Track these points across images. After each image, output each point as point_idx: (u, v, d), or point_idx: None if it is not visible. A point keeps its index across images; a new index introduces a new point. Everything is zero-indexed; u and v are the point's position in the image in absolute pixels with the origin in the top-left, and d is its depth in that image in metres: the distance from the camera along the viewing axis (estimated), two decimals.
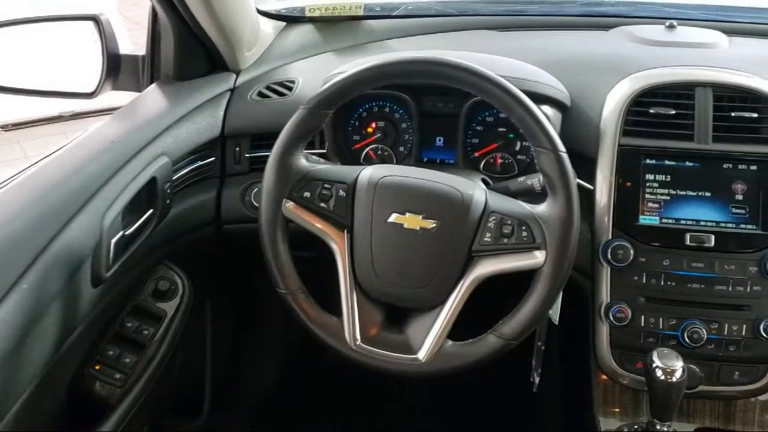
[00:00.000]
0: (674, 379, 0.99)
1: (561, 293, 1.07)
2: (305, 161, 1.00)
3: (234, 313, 1.69)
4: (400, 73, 0.98)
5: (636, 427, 1.12)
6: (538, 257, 0.92)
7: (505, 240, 0.93)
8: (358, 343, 0.97)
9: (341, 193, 0.98)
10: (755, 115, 1.14)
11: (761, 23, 1.53)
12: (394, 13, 1.61)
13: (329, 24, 1.55)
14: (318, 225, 0.98)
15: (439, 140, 1.29)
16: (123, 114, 1.23)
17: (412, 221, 0.95)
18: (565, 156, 0.93)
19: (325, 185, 0.98)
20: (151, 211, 1.13)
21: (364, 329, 0.97)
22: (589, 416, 1.20)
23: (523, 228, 0.93)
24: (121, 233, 1.05)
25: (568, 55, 1.38)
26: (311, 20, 1.55)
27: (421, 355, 0.95)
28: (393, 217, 0.95)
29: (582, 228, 1.16)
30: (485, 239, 0.94)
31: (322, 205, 0.98)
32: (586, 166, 1.19)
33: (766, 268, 1.10)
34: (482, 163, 1.26)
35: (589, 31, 1.52)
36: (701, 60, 1.27)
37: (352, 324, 0.97)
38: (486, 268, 0.94)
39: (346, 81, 0.97)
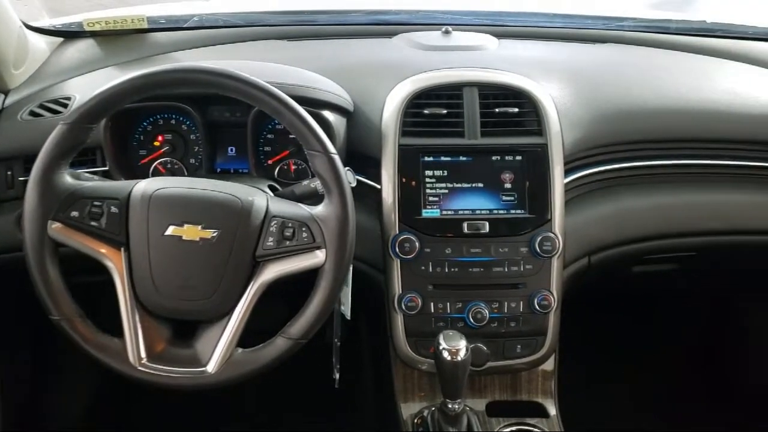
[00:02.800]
0: (459, 358, 1.05)
1: (350, 289, 1.12)
2: (71, 179, 0.96)
3: (32, 344, 1.58)
4: (163, 83, 0.97)
5: (433, 408, 1.18)
6: (319, 256, 0.95)
7: (288, 242, 0.95)
8: (143, 362, 0.95)
9: (113, 209, 0.95)
10: (516, 110, 1.24)
11: (528, 26, 1.68)
12: (184, 25, 1.59)
13: (112, 38, 1.50)
14: (90, 245, 0.94)
15: (231, 150, 1.30)
16: None
17: (190, 232, 0.94)
18: (336, 158, 0.96)
19: (95, 203, 0.95)
20: None
21: (150, 347, 0.95)
22: (393, 404, 1.26)
23: (304, 229, 0.96)
24: None
25: (352, 61, 1.44)
26: (92, 35, 1.49)
27: (210, 366, 0.95)
28: (170, 230, 0.94)
29: (373, 225, 1.23)
30: (268, 243, 0.96)
31: (93, 223, 0.94)
32: (372, 166, 1.24)
33: (535, 248, 1.20)
34: (276, 170, 1.28)
35: (374, 38, 1.59)
36: (470, 62, 1.37)
37: (135, 343, 0.94)
38: (271, 272, 0.96)
39: (106, 93, 0.95)
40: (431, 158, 1.23)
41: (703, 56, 1.58)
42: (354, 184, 1.06)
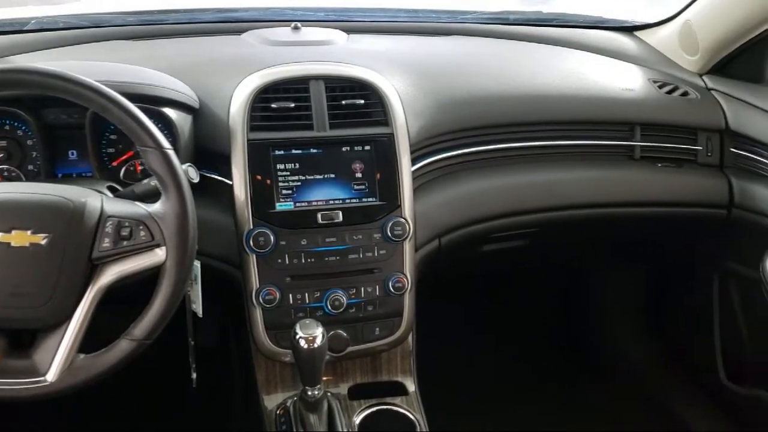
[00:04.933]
0: (316, 345, 1.07)
1: (200, 286, 1.11)
2: None
3: None
4: None
5: (294, 398, 1.20)
6: (159, 254, 0.94)
7: (125, 243, 0.94)
8: None
9: None
10: (362, 101, 1.28)
11: (376, 21, 1.72)
12: (25, 28, 1.52)
13: None
14: None
15: (72, 153, 1.25)
16: None
17: (19, 238, 0.90)
18: (170, 153, 0.96)
19: None
20: None
21: None
22: (256, 397, 1.27)
23: (141, 228, 0.94)
24: None
25: (199, 59, 1.43)
26: None
27: (50, 375, 0.92)
28: None
29: (227, 221, 1.23)
30: (104, 245, 0.94)
31: None
32: (223, 162, 1.24)
33: (387, 234, 1.24)
34: (122, 171, 1.25)
35: (223, 36, 1.59)
36: (318, 56, 1.40)
37: None
38: (110, 274, 0.94)
39: None
40: (282, 152, 1.24)
41: (540, 44, 1.68)
42: (196, 180, 1.05)
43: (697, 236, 1.65)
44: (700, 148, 1.48)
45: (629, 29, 1.75)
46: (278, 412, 1.23)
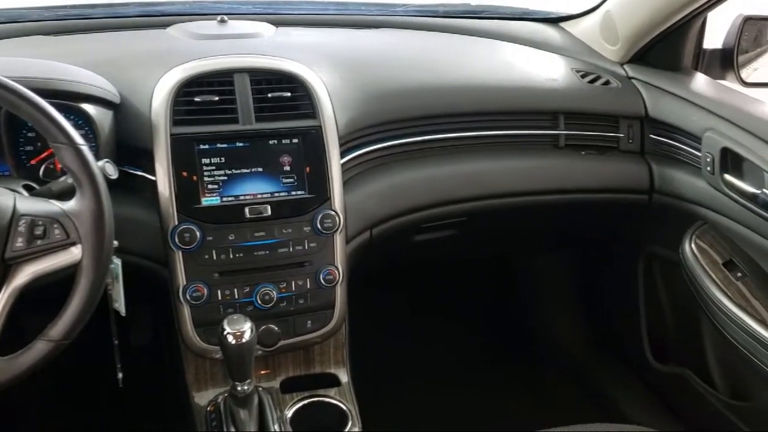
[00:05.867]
0: (244, 341, 1.07)
1: (121, 285, 1.09)
2: None
3: None
4: None
5: (225, 394, 1.19)
6: (75, 253, 0.92)
7: (39, 242, 0.91)
8: None
9: None
10: (289, 94, 1.27)
11: (305, 14, 1.72)
12: None
13: None
14: None
15: None
16: None
17: None
18: (83, 148, 0.93)
19: None
20: None
21: None
22: (187, 395, 1.25)
23: (56, 226, 0.92)
24: None
25: (121, 54, 1.40)
26: None
27: None
28: None
29: (152, 218, 1.21)
30: (18, 244, 0.91)
31: None
32: (146, 158, 1.22)
33: (317, 226, 1.24)
34: (42, 170, 1.21)
35: (148, 30, 1.56)
36: (244, 49, 1.38)
37: None
38: (25, 274, 0.91)
39: None
40: (206, 146, 1.22)
41: (467, 36, 1.71)
42: (114, 176, 1.03)
43: (621, 221, 1.70)
44: (622, 135, 1.52)
45: (554, 20, 1.79)
46: (209, 409, 1.22)
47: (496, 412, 1.76)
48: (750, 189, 1.28)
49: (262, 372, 1.28)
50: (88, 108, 1.16)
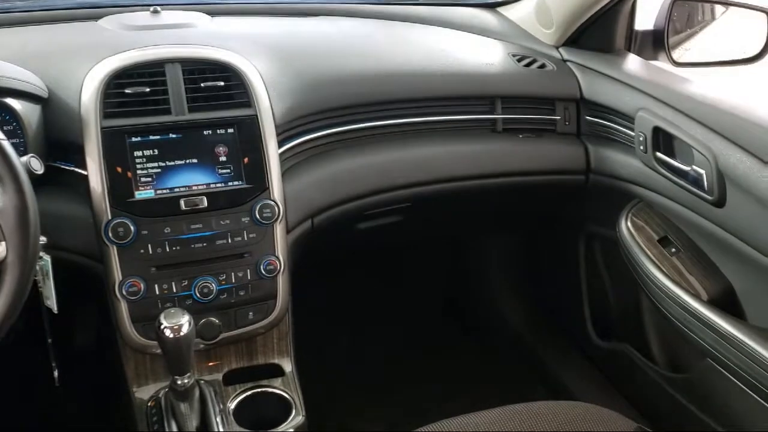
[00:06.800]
0: (182, 334, 1.05)
1: (52, 281, 1.07)
2: None
3: None
4: None
5: (166, 389, 1.18)
6: None
7: None
8: None
9: None
10: (222, 83, 1.26)
11: (241, 3, 1.70)
12: None
13: None
14: None
15: None
16: None
17: None
18: (4, 143, 0.91)
19: None
20: None
21: None
22: (128, 391, 1.24)
23: None
24: None
25: (49, 47, 1.37)
26: None
27: None
28: None
29: (86, 213, 1.19)
30: None
31: None
32: (77, 153, 1.19)
33: (256, 217, 1.23)
34: None
35: (78, 22, 1.52)
36: (177, 39, 1.36)
37: None
38: None
39: None
40: (138, 138, 1.20)
41: (405, 23, 1.71)
42: (40, 172, 1.01)
43: (561, 202, 1.73)
44: (558, 117, 1.54)
45: (491, 5, 1.80)
46: (149, 404, 1.21)
47: (444, 392, 1.77)
48: (681, 166, 1.32)
49: (206, 365, 1.27)
50: (14, 103, 1.14)
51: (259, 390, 1.24)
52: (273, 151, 1.26)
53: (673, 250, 1.39)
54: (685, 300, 1.29)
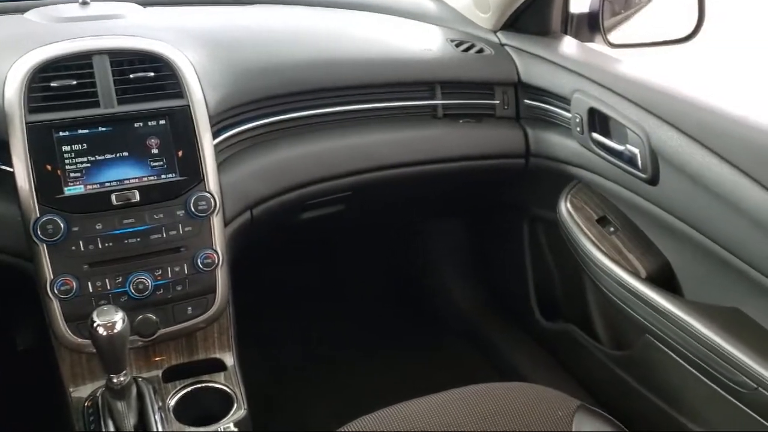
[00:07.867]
0: (115, 332, 1.03)
1: None
2: None
3: None
4: None
5: (103, 388, 1.15)
6: None
7: None
8: None
9: None
10: (152, 74, 1.23)
11: None
12: None
13: None
14: None
15: None
16: None
17: None
18: None
19: None
20: None
21: None
22: (64, 392, 1.21)
23: None
24: None
25: None
26: None
27: None
28: None
29: (14, 212, 1.15)
30: None
31: None
32: (2, 149, 1.16)
33: (191, 209, 1.21)
34: None
35: (4, 15, 1.47)
36: (105, 30, 1.32)
37: None
38: None
39: None
40: (66, 133, 1.17)
41: (342, 10, 1.69)
42: None
43: (503, 186, 1.74)
44: (497, 102, 1.55)
45: None
46: (86, 404, 1.18)
47: (396, 378, 1.77)
48: (616, 146, 1.33)
49: (145, 362, 1.24)
50: None
51: (199, 385, 1.22)
52: (207, 142, 1.24)
53: (612, 229, 1.41)
54: (624, 278, 1.31)
